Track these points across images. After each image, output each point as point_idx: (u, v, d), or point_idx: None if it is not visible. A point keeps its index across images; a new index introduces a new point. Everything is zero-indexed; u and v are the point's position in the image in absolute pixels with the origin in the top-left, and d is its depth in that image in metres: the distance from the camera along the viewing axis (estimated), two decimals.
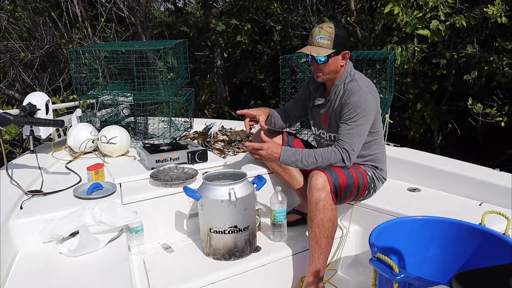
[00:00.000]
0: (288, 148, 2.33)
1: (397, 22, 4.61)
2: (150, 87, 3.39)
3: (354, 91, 2.32)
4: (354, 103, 2.30)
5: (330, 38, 2.30)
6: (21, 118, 2.50)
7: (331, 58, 2.34)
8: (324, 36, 2.31)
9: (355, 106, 2.30)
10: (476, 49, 4.94)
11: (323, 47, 2.32)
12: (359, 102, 2.29)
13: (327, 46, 2.31)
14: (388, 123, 3.07)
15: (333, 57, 2.34)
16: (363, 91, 2.31)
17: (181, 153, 2.73)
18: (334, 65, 2.37)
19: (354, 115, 2.30)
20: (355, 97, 2.30)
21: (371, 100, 2.33)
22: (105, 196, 2.31)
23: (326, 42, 2.31)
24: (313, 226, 2.22)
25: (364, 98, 2.30)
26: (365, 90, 2.32)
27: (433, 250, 2.00)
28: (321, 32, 2.32)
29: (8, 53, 6.52)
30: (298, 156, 2.30)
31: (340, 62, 2.38)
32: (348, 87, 2.36)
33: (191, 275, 2.13)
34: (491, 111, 4.85)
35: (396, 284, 1.57)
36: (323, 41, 2.31)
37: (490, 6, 4.34)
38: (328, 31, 2.31)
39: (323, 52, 2.31)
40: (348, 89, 2.36)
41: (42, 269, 1.82)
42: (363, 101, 2.30)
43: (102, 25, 6.88)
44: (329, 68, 2.37)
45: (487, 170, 2.61)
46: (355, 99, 2.30)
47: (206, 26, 7.85)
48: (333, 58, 2.34)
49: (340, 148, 2.30)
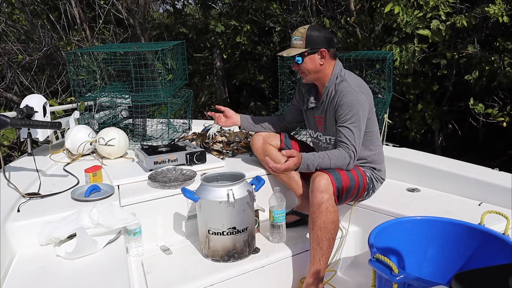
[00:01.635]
0: (307, 158, 2.29)
1: (397, 22, 4.59)
2: (148, 88, 3.38)
3: (345, 92, 2.33)
4: (347, 104, 2.32)
5: (303, 38, 2.38)
6: (18, 121, 2.49)
7: (307, 57, 2.39)
8: (297, 37, 2.40)
9: (349, 106, 2.31)
10: (477, 49, 4.92)
11: (296, 48, 2.41)
12: (353, 102, 2.31)
13: (300, 46, 2.39)
14: (388, 124, 3.06)
15: (307, 56, 2.39)
16: (354, 91, 2.33)
17: (179, 155, 2.72)
18: (311, 64, 2.40)
19: (350, 116, 2.31)
20: (348, 98, 2.32)
21: (364, 99, 2.34)
22: (103, 198, 2.30)
23: (299, 42, 2.40)
24: (315, 228, 2.20)
25: (357, 98, 2.32)
26: (357, 89, 2.34)
27: (433, 251, 2.00)
28: (296, 33, 2.43)
29: (6, 56, 6.52)
30: (316, 163, 2.29)
31: (319, 61, 2.40)
32: (339, 87, 2.37)
33: (190, 277, 2.13)
34: (492, 112, 4.83)
35: (396, 285, 1.57)
36: (297, 42, 2.41)
37: (491, 6, 4.31)
38: (301, 32, 2.40)
39: (294, 52, 2.39)
40: (339, 90, 2.37)
41: (39, 272, 1.81)
42: (356, 101, 2.31)
43: (101, 27, 6.88)
44: (307, 66, 2.41)
45: (486, 170, 2.61)
46: (347, 99, 2.32)
47: (205, 28, 7.85)
48: (308, 57, 2.39)
49: (348, 151, 2.31)
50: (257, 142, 2.71)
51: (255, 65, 8.22)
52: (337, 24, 6.13)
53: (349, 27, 5.91)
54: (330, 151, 2.34)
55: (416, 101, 5.59)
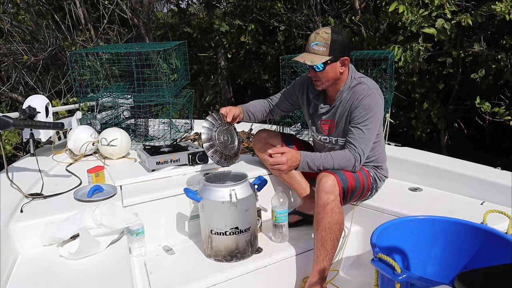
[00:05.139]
0: (306, 155, 2.27)
1: (402, 21, 4.57)
2: (150, 88, 3.39)
3: (365, 95, 2.27)
4: (365, 106, 2.26)
5: (326, 45, 2.22)
6: (20, 121, 2.50)
7: (328, 66, 2.25)
8: (320, 42, 2.23)
9: (367, 109, 2.26)
10: (483, 47, 4.89)
11: (318, 54, 2.24)
12: (371, 105, 2.26)
13: (323, 53, 2.23)
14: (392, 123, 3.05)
15: (330, 64, 2.25)
16: (374, 94, 2.28)
17: (181, 155, 2.72)
18: (332, 73, 2.29)
19: (366, 118, 2.26)
20: (367, 100, 2.26)
21: (381, 103, 2.30)
22: (106, 198, 2.31)
23: (321, 48, 2.22)
24: (319, 228, 2.19)
25: (375, 101, 2.27)
26: (376, 93, 2.29)
27: (436, 250, 1.99)
28: (317, 38, 2.24)
29: (11, 56, 6.57)
30: (317, 162, 2.26)
31: (340, 69, 2.29)
32: (357, 90, 2.30)
33: (193, 277, 2.13)
34: (499, 110, 4.79)
35: (398, 284, 1.56)
36: (319, 48, 2.23)
37: (498, 3, 4.27)
38: (324, 37, 2.22)
39: (318, 60, 2.23)
40: (358, 92, 2.29)
41: (42, 273, 1.82)
42: (374, 105, 2.27)
43: (105, 27, 6.90)
44: (327, 75, 2.29)
45: (489, 169, 2.59)
46: (367, 102, 2.26)
47: (209, 27, 7.85)
48: (330, 65, 2.26)
49: (354, 153, 2.27)
50: (258, 143, 2.71)
51: (259, 65, 8.23)
52: (341, 23, 6.12)
53: (354, 26, 5.90)
54: (334, 151, 2.31)
55: (422, 100, 5.56)
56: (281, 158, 2.19)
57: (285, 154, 2.20)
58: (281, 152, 2.21)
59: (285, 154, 2.20)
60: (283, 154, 2.20)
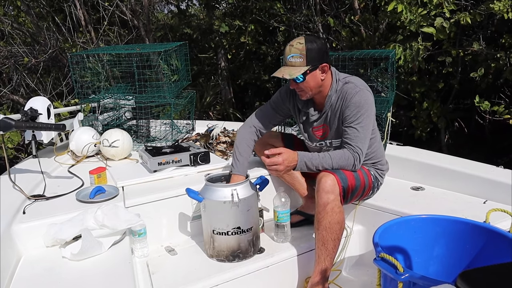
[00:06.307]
0: (304, 155, 2.27)
1: (401, 20, 4.57)
2: (151, 89, 3.39)
3: (354, 93, 2.27)
4: (356, 104, 2.26)
5: (302, 55, 2.20)
6: (22, 123, 2.51)
7: (308, 75, 2.24)
8: (295, 54, 2.21)
9: (357, 107, 2.26)
10: (482, 46, 4.89)
11: (296, 66, 2.22)
12: (361, 102, 2.26)
13: (300, 64, 2.21)
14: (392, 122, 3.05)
15: (309, 74, 2.24)
16: (362, 90, 2.28)
17: (183, 155, 2.72)
18: (314, 81, 2.27)
19: (358, 116, 2.26)
20: (357, 98, 2.26)
21: (371, 99, 2.31)
22: (108, 199, 2.32)
23: (298, 60, 2.21)
24: (320, 228, 2.19)
25: (365, 98, 2.27)
26: (364, 89, 2.30)
27: (438, 249, 1.99)
28: (292, 50, 2.23)
29: (12, 58, 6.57)
30: (315, 162, 2.26)
31: (321, 76, 2.28)
32: (345, 89, 2.30)
33: (195, 277, 2.13)
34: (498, 109, 4.78)
35: (401, 284, 1.56)
36: (295, 60, 2.21)
37: (496, 2, 4.27)
38: (299, 48, 2.21)
39: (296, 72, 2.21)
40: (346, 91, 2.30)
41: (45, 274, 1.82)
42: (364, 101, 2.27)
43: (105, 29, 6.90)
44: (309, 85, 2.28)
45: (491, 167, 2.59)
46: (356, 100, 2.26)
47: (209, 28, 7.85)
48: (310, 75, 2.24)
49: (352, 152, 2.27)
50: (259, 143, 2.71)
51: (259, 65, 8.22)
52: (341, 23, 6.12)
53: (353, 25, 5.90)
54: (332, 151, 2.31)
55: (422, 99, 5.55)
56: (278, 158, 2.20)
57: (282, 154, 2.21)
58: (278, 152, 2.22)
59: (281, 155, 2.21)
60: (280, 154, 2.21)
